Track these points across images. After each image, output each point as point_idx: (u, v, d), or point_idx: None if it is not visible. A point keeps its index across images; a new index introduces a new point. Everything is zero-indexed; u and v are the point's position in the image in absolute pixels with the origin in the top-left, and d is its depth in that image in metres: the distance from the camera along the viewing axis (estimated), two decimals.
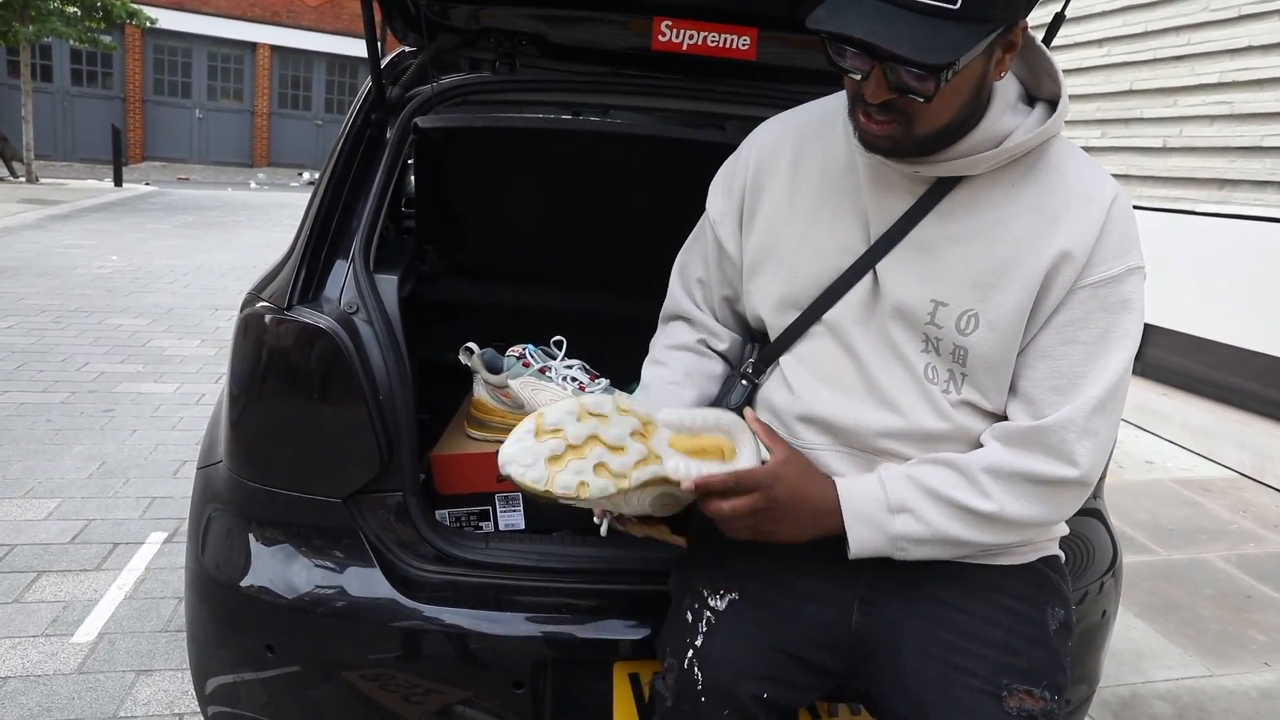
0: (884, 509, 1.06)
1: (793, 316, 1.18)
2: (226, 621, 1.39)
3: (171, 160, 19.01)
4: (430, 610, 1.31)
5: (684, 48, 1.61)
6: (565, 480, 1.03)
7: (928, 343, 1.09)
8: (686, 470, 1.05)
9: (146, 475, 3.39)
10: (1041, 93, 1.10)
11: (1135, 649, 2.65)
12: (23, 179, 13.27)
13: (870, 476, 1.09)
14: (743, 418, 1.12)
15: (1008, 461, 1.05)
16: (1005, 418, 1.10)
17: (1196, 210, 4.77)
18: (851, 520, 1.06)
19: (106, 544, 2.86)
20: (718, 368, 1.30)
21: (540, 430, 1.02)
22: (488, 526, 1.55)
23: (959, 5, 0.91)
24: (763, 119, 1.27)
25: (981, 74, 0.99)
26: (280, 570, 1.34)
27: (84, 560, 2.75)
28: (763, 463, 1.07)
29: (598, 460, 1.03)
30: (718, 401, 1.28)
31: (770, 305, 1.20)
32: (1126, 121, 5.26)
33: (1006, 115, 1.05)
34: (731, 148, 1.27)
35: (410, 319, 1.88)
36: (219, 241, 9.19)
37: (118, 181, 13.85)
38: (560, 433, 1.03)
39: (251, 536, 1.38)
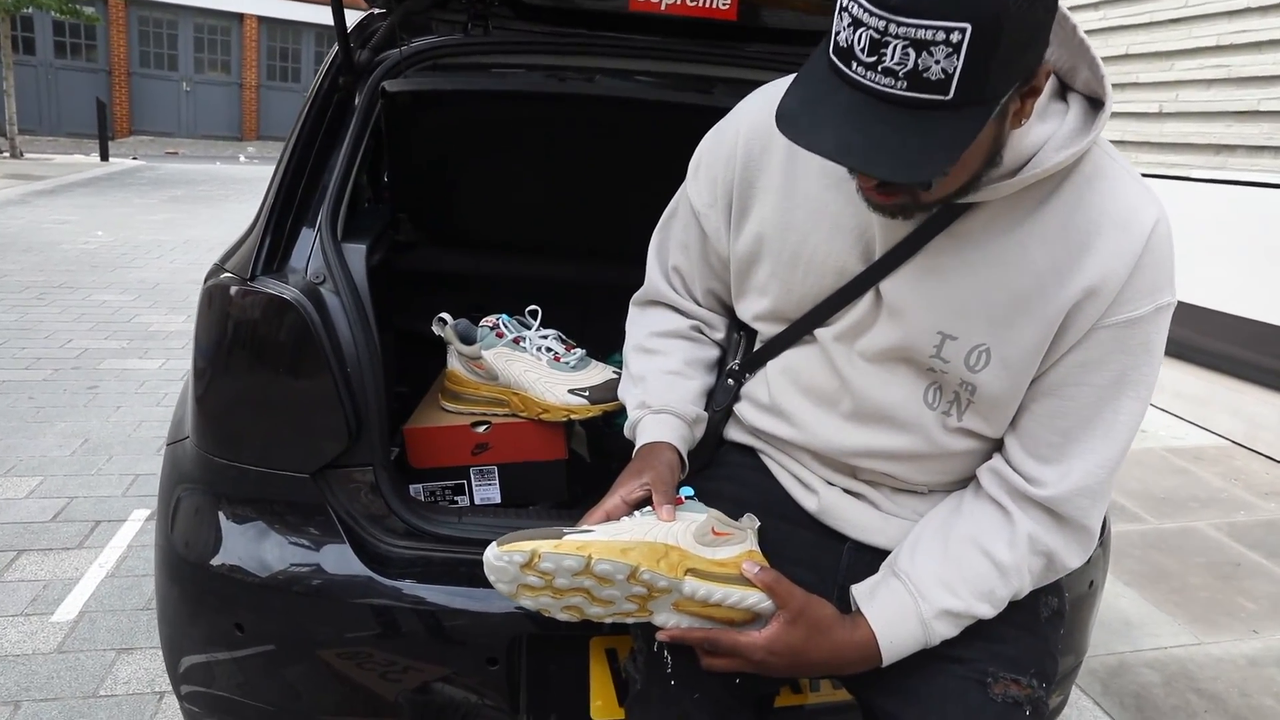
0: (923, 638, 1.01)
1: (781, 328, 1.13)
2: (196, 600, 1.36)
3: (159, 134, 18.79)
4: (401, 587, 1.28)
5: (661, 7, 1.55)
6: (528, 603, 1.00)
7: (932, 373, 1.02)
8: (666, 621, 1.01)
9: (130, 452, 3.36)
10: (1077, 83, 0.95)
11: (1124, 618, 2.64)
12: (7, 154, 13.11)
13: (910, 618, 1.00)
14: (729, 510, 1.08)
15: (1037, 536, 1.01)
16: (999, 441, 1.06)
17: (1192, 176, 4.72)
18: (890, 658, 1.01)
19: (88, 522, 2.83)
20: (713, 354, 1.25)
21: (531, 566, 0.96)
22: (463, 500, 1.52)
23: (952, 94, 0.74)
24: (745, 81, 1.21)
25: (996, 135, 0.86)
26: (247, 548, 1.31)
27: (65, 538, 2.72)
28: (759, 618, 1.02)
29: (572, 604, 1.00)
30: (708, 399, 1.24)
31: (758, 314, 1.15)
32: (1122, 86, 5.19)
33: (1035, 126, 0.91)
34: (714, 111, 1.21)
35: (386, 290, 1.84)
36: (207, 216, 9.09)
37: (104, 156, 13.69)
38: (549, 579, 0.97)
39: (219, 513, 1.34)
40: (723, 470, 1.24)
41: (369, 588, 1.28)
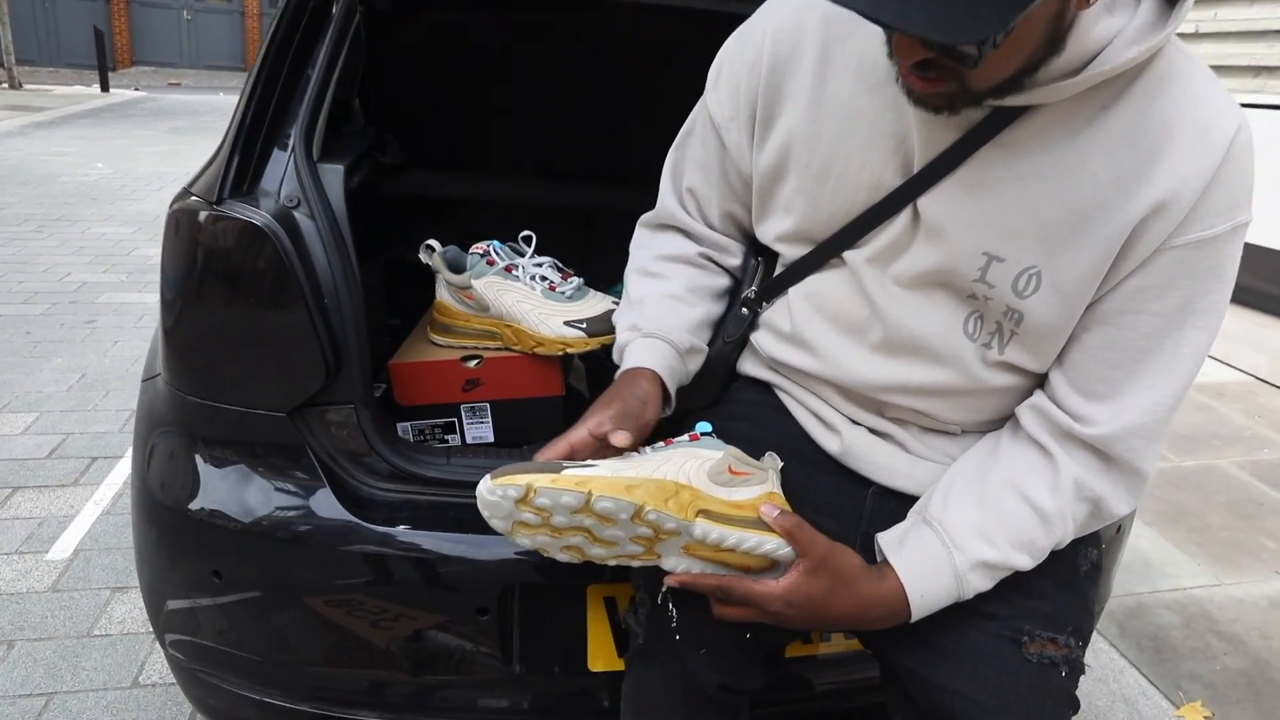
0: (956, 592, 0.93)
1: (806, 250, 1.02)
2: (173, 545, 1.29)
3: (161, 65, 18.41)
4: (385, 532, 1.20)
5: None
6: (526, 542, 0.93)
7: (974, 299, 0.92)
8: (675, 565, 0.93)
9: (127, 388, 3.29)
10: None
11: (1143, 558, 2.57)
12: (5, 85, 12.87)
13: (942, 570, 0.92)
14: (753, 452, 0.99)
15: (1083, 480, 0.92)
16: (1043, 376, 0.96)
17: None
18: (920, 613, 0.93)
19: (84, 458, 2.78)
20: (723, 282, 1.14)
21: (527, 501, 0.88)
22: (454, 440, 1.44)
23: None
24: None
25: (1059, 11, 0.74)
26: (222, 491, 1.23)
27: (61, 475, 2.67)
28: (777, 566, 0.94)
29: (572, 544, 0.92)
30: (716, 328, 1.14)
31: (780, 236, 1.04)
32: None
33: (1101, 19, 0.80)
34: (733, 18, 1.08)
35: (375, 216, 1.73)
36: (209, 147, 8.75)
37: (104, 87, 13.43)
38: (545, 516, 0.88)
39: (192, 455, 1.26)
40: (735, 408, 1.15)
41: (350, 533, 1.20)
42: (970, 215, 0.88)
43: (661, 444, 0.98)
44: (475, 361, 1.40)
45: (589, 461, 0.91)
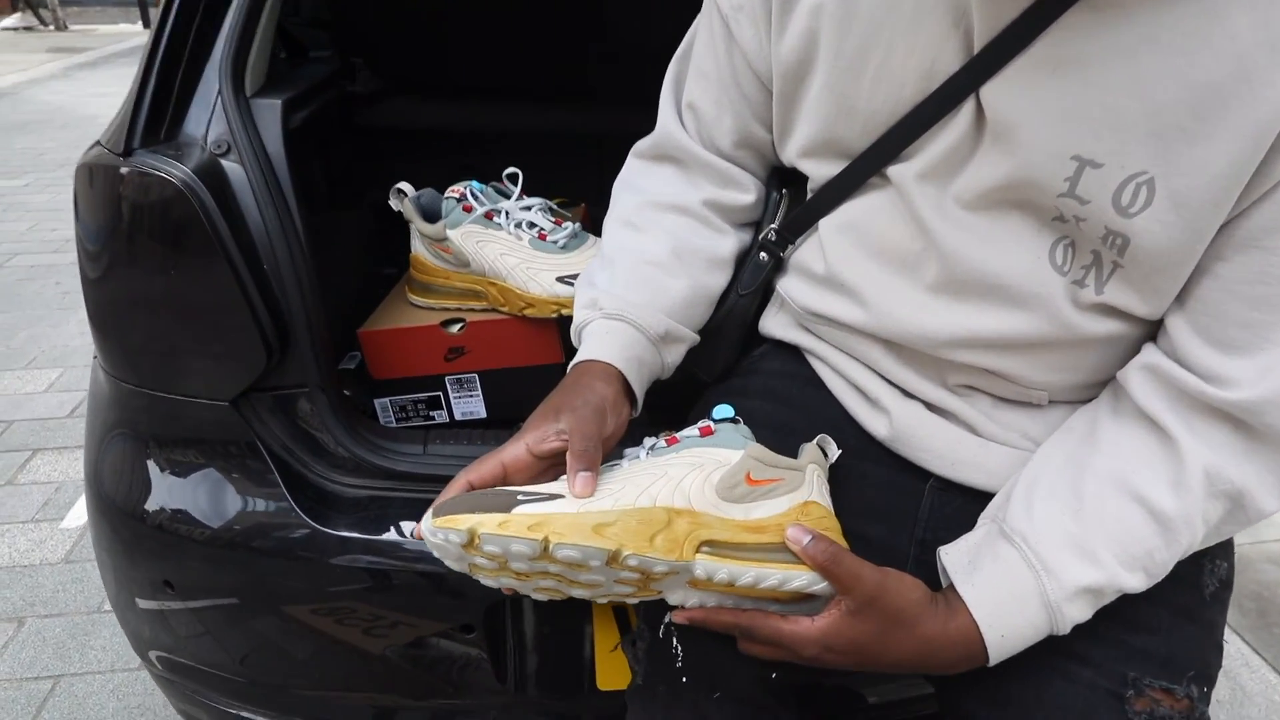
0: (1047, 627, 0.70)
1: (839, 166, 0.79)
2: (122, 549, 1.13)
3: None
4: (346, 536, 1.02)
5: None
6: (490, 584, 0.73)
7: (1061, 221, 0.69)
8: (682, 600, 0.74)
9: None
10: None
11: None
12: (51, 27, 12.83)
13: (1029, 601, 0.69)
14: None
15: (1218, 469, 0.68)
16: (1157, 324, 0.73)
17: None
18: (1000, 656, 0.71)
19: None
20: (727, 246, 0.90)
21: (474, 546, 0.67)
22: (440, 416, 1.24)
23: None
24: None
25: None
26: (163, 491, 1.06)
27: (80, 436, 2.58)
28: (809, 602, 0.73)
29: (545, 586, 0.72)
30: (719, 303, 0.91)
31: (806, 149, 0.81)
32: None
33: None
34: None
35: (351, 153, 1.52)
36: None
37: (145, 22, 13.31)
38: (501, 561, 0.68)
39: (132, 449, 1.10)
40: (755, 381, 0.92)
41: (308, 540, 1.02)
42: (1053, 106, 0.65)
43: (662, 443, 0.77)
44: (458, 326, 1.19)
45: (551, 490, 0.70)
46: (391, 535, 1.03)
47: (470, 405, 1.23)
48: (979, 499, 0.80)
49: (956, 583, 0.71)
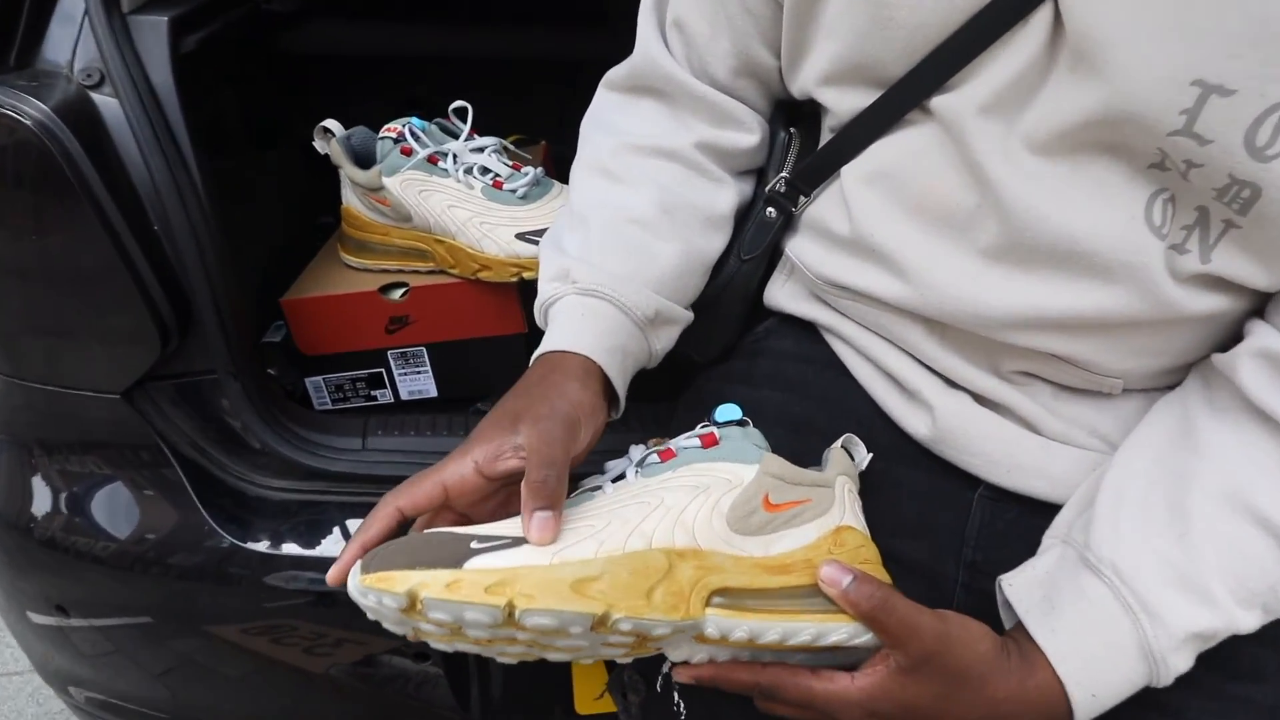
0: (1146, 679, 0.56)
1: (869, 97, 0.63)
2: (13, 566, 0.95)
3: None
4: (272, 553, 0.86)
5: None
6: (444, 648, 0.56)
7: (1162, 169, 0.53)
8: (689, 655, 0.57)
9: None
10: None
11: None
12: None
13: (1126, 652, 0.55)
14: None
15: None
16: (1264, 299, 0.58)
17: None
18: (1088, 715, 0.56)
19: None
20: (725, 199, 0.73)
21: (416, 612, 0.51)
22: (384, 396, 1.07)
23: None
24: None
25: None
26: (47, 501, 0.89)
27: None
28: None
29: (514, 651, 0.56)
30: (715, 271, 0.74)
31: (827, 74, 0.64)
32: None
33: None
34: None
35: (268, 85, 1.31)
36: None
37: None
38: (454, 629, 0.52)
39: (12, 451, 0.91)
40: (761, 364, 0.76)
41: (226, 556, 0.86)
42: (1165, 15, 0.49)
43: (654, 457, 0.60)
44: (400, 292, 1.01)
45: (513, 531, 0.53)
46: (327, 548, 0.87)
47: (418, 383, 1.06)
48: (1038, 511, 0.65)
49: (1032, 628, 0.57)
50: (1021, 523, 0.66)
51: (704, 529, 0.55)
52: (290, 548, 0.87)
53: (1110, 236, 0.56)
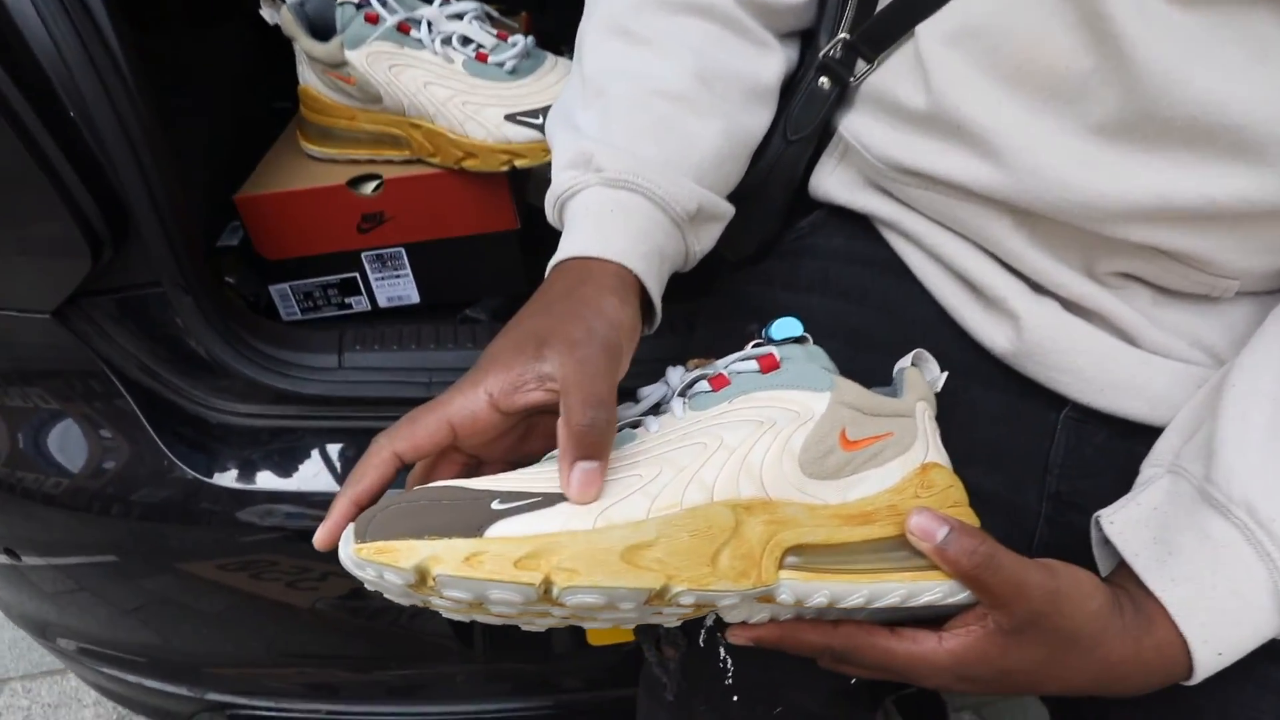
0: (1274, 634, 0.47)
1: None
2: None
3: None
4: (238, 487, 0.76)
5: None
6: (463, 619, 0.46)
7: None
8: (748, 615, 0.48)
9: None
10: None
11: None
12: None
13: (1259, 598, 0.46)
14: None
15: None
16: None
17: None
18: (1208, 671, 0.48)
19: None
20: (769, 68, 0.61)
21: (428, 588, 0.41)
22: (359, 304, 0.95)
23: None
24: None
25: None
26: None
27: None
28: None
29: (550, 624, 0.47)
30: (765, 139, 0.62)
31: None
32: None
33: None
34: None
35: None
36: None
37: None
38: (476, 605, 0.43)
39: None
40: (806, 265, 0.65)
41: (189, 489, 0.76)
42: None
43: (704, 384, 0.50)
44: (372, 185, 0.88)
45: (545, 486, 0.43)
46: (304, 479, 0.77)
47: (398, 288, 0.94)
48: (1131, 434, 0.56)
49: (1146, 577, 0.48)
50: (1112, 448, 0.57)
51: (773, 474, 0.45)
52: (263, 480, 0.77)
53: (1263, 106, 0.45)
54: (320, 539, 0.44)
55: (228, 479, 0.76)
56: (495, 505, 0.42)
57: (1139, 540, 0.49)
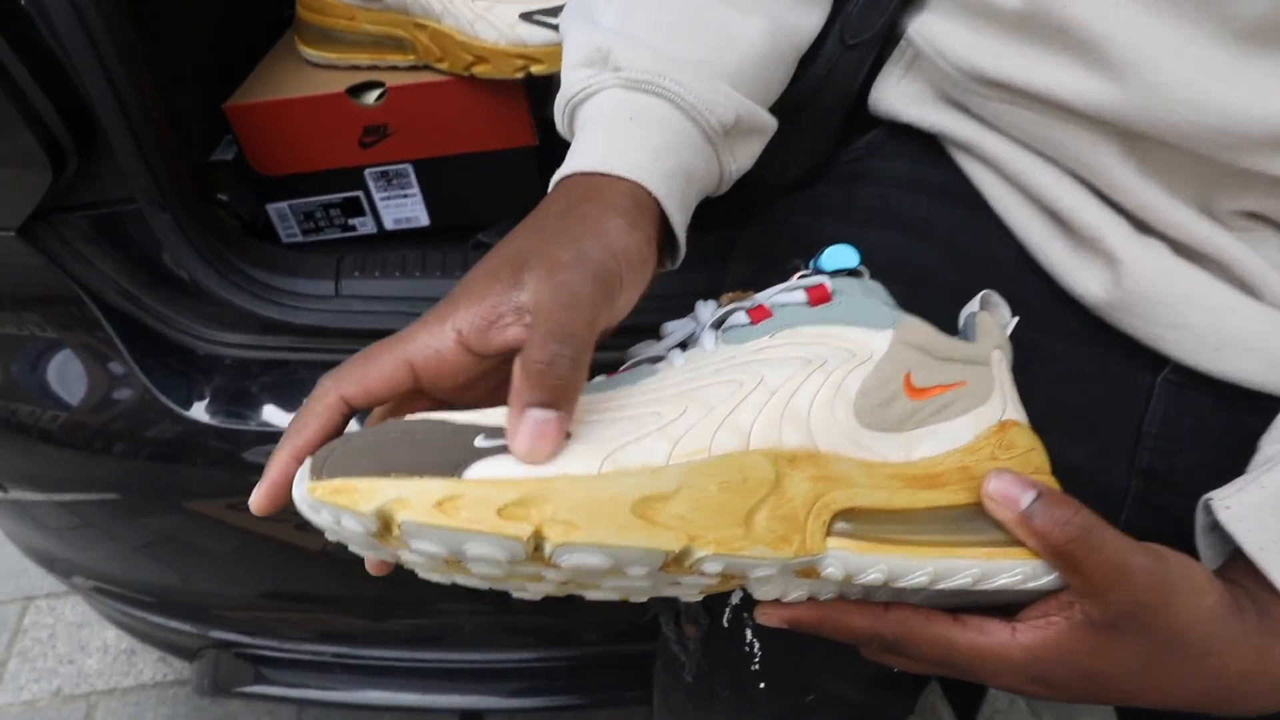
0: None
1: None
2: None
3: None
4: (233, 421, 0.70)
5: None
6: (440, 579, 0.39)
7: None
8: (780, 592, 0.40)
9: None
10: None
11: None
12: None
13: None
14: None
15: None
16: None
17: None
18: None
19: None
20: None
21: (393, 537, 0.33)
22: (364, 226, 0.87)
23: None
24: None
25: None
26: None
27: None
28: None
29: (545, 590, 0.39)
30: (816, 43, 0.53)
31: None
32: None
33: None
34: None
35: None
36: None
37: None
38: (452, 563, 0.35)
39: None
40: (862, 191, 0.55)
41: (176, 424, 0.70)
42: None
43: (742, 316, 0.42)
44: (375, 94, 0.79)
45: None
46: (286, 413, 0.71)
47: (406, 209, 0.86)
48: (1244, 403, 0.47)
49: (1276, 577, 0.40)
50: (1220, 418, 0.48)
51: (823, 422, 0.38)
52: (255, 415, 0.71)
53: None
54: (256, 500, 0.36)
55: (216, 413, 0.70)
56: (480, 441, 0.34)
57: (1264, 532, 0.41)
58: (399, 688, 0.89)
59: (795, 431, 0.37)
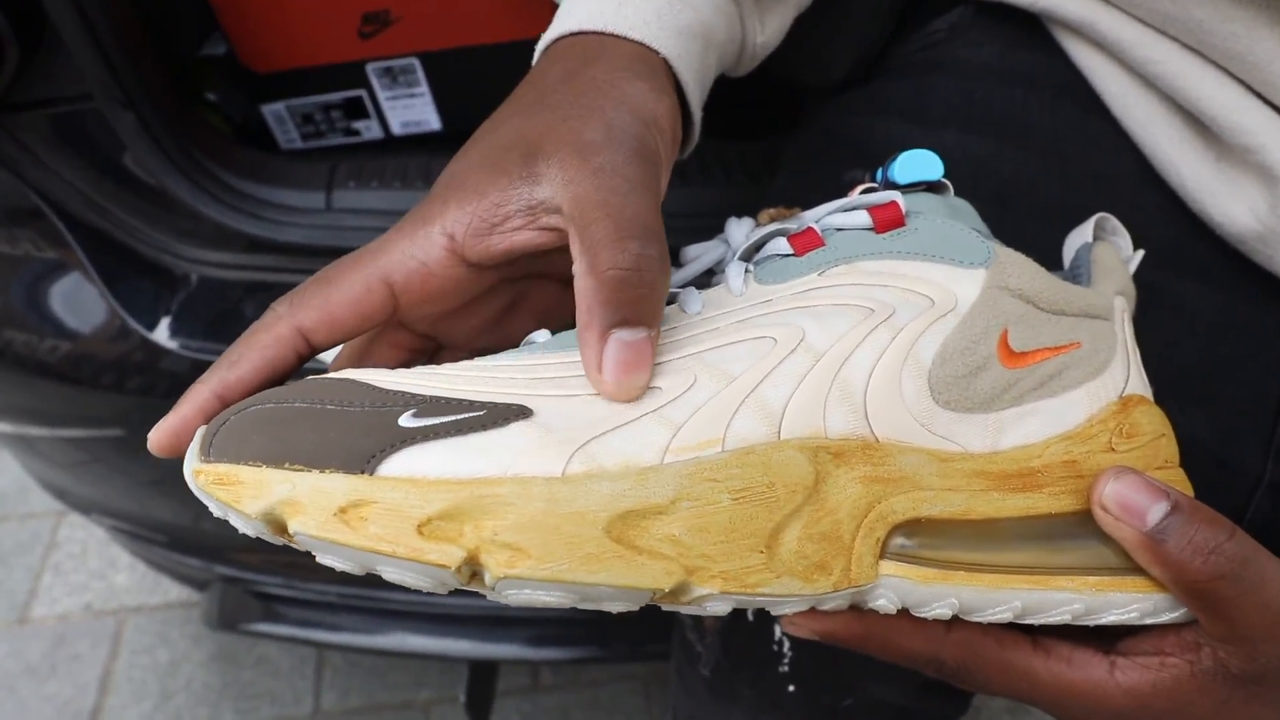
0: None
1: None
2: None
3: None
4: (201, 351, 0.63)
5: None
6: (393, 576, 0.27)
7: None
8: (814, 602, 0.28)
9: None
10: None
11: None
12: None
13: None
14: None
15: None
16: None
17: None
18: None
19: None
20: None
21: (285, 535, 0.25)
22: (369, 130, 0.78)
23: None
24: None
25: None
26: None
27: None
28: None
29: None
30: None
31: None
32: None
33: None
34: None
35: None
36: None
37: None
38: (366, 571, 0.25)
39: None
40: (941, 90, 0.44)
41: (138, 351, 0.63)
42: None
43: (783, 244, 0.32)
44: None
45: (482, 386, 0.27)
46: None
47: (414, 110, 0.76)
48: None
49: None
50: None
51: (886, 399, 0.28)
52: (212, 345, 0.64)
53: None
54: (154, 438, 0.28)
55: (190, 341, 0.63)
56: (406, 420, 0.25)
57: None
58: (412, 631, 0.84)
59: (846, 413, 0.27)
